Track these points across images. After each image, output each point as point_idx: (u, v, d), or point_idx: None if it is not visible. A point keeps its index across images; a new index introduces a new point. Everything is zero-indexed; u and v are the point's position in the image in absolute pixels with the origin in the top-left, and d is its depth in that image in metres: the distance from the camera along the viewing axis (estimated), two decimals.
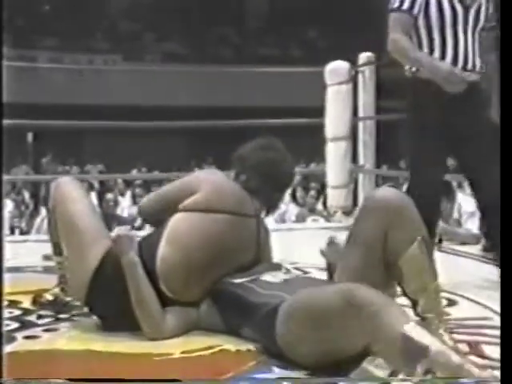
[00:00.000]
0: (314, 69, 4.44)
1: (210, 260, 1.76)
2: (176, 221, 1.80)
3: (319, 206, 6.44)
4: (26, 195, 7.38)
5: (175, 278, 1.75)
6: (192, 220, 1.79)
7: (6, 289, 1.71)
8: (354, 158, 4.04)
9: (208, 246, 1.76)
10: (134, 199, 7.25)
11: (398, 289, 1.62)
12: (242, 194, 1.85)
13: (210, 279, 1.76)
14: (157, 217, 1.88)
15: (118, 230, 1.78)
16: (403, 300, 1.60)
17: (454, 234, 3.39)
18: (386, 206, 1.55)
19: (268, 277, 1.71)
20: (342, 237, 1.70)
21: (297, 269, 2.43)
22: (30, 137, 11.27)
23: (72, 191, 1.90)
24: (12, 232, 5.74)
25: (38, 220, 6.06)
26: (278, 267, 1.81)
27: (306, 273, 2.37)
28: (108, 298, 1.76)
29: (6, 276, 1.62)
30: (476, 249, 3.16)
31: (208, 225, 1.78)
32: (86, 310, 1.86)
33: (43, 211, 6.13)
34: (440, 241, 3.39)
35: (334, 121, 3.98)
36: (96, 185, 7.39)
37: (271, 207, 1.94)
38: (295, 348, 1.48)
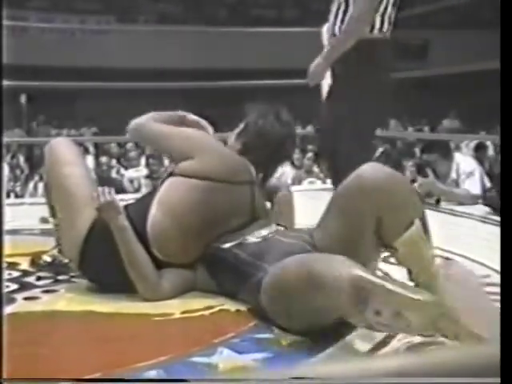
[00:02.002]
0: (310, 29, 4.36)
1: (201, 226, 1.74)
2: (169, 185, 1.78)
3: (316, 168, 6.43)
4: (21, 159, 7.33)
5: (166, 242, 1.73)
6: (185, 186, 1.76)
7: (5, 251, 1.71)
8: None
9: (200, 213, 1.74)
10: (128, 162, 7.19)
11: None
12: (237, 161, 1.82)
13: (203, 243, 1.74)
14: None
15: (99, 192, 1.73)
16: None
17: (451, 194, 3.39)
18: (377, 188, 1.41)
19: (252, 238, 1.68)
20: None
21: None
22: (23, 99, 11.11)
23: (65, 153, 1.86)
24: (7, 196, 5.71)
25: (31, 185, 6.04)
26: (267, 224, 1.77)
27: None
28: (100, 262, 1.75)
29: (4, 238, 1.61)
30: (474, 209, 3.17)
31: (201, 192, 1.75)
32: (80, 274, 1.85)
33: (36, 176, 6.11)
34: (438, 201, 3.40)
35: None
36: (91, 148, 7.33)
37: (266, 176, 1.90)
38: (279, 320, 1.48)
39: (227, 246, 1.69)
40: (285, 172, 6.34)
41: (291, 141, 1.89)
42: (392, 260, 1.67)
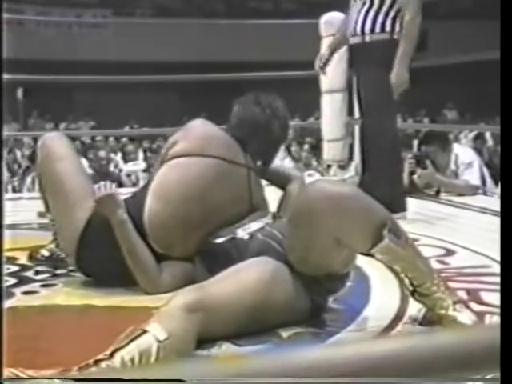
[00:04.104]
0: (309, 21, 4.35)
1: (198, 211, 1.71)
2: (161, 172, 1.77)
3: (314, 161, 6.42)
4: (18, 154, 7.32)
5: (164, 232, 1.72)
6: (178, 167, 1.75)
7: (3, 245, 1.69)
8: (350, 110, 3.99)
9: (196, 195, 1.72)
10: (126, 156, 7.18)
11: None
12: (231, 141, 1.80)
13: (200, 233, 1.71)
14: None
15: (99, 188, 1.73)
16: None
17: (451, 185, 3.39)
18: (334, 209, 1.33)
19: (242, 232, 1.64)
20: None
21: None
22: (20, 93, 11.07)
23: (58, 148, 1.83)
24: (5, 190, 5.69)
25: (28, 178, 6.03)
26: (263, 216, 1.74)
27: None
28: (97, 258, 1.74)
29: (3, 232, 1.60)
30: (473, 199, 3.17)
31: (194, 169, 1.73)
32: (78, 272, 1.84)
33: (34, 171, 6.10)
34: (438, 192, 3.39)
35: (330, 72, 3.91)
36: (88, 141, 7.32)
37: (264, 163, 1.88)
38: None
39: (219, 241, 1.66)
40: (283, 165, 6.33)
41: (278, 122, 1.86)
42: None
